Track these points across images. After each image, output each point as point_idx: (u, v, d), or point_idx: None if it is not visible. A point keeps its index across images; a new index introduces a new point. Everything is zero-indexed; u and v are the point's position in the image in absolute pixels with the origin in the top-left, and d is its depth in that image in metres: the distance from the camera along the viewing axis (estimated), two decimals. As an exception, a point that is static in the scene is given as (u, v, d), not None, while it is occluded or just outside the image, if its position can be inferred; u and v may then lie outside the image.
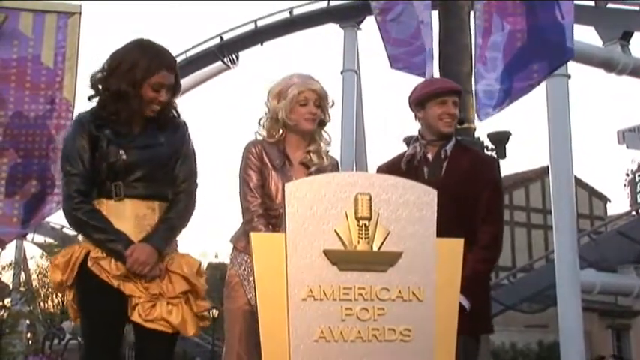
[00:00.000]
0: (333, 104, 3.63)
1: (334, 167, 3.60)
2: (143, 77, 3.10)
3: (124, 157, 3.08)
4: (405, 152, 3.90)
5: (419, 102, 3.86)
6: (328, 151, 3.62)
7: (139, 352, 3.14)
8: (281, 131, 3.50)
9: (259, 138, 3.57)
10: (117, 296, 3.00)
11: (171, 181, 3.18)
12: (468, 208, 3.67)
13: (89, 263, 3.01)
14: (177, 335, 3.11)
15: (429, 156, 3.80)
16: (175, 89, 3.26)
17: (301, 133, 3.51)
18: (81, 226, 3.08)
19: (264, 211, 3.42)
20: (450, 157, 3.79)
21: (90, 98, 3.26)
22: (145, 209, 3.11)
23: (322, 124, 3.56)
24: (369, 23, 23.22)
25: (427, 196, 2.69)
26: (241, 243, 3.45)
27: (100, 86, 3.18)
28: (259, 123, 3.58)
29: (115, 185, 3.08)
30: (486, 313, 3.90)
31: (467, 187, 3.70)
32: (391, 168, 3.74)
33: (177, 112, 3.30)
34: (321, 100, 3.47)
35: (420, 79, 6.59)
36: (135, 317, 2.99)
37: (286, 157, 3.49)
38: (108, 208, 3.08)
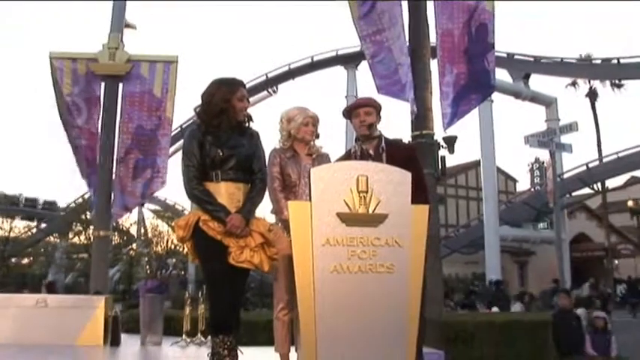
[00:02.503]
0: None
1: (327, 156, 3.68)
2: (231, 94, 3.14)
3: (221, 154, 3.06)
4: (350, 150, 3.60)
5: (347, 117, 3.66)
6: (321, 147, 3.71)
7: (231, 282, 3.04)
8: (289, 141, 3.64)
9: (277, 147, 3.69)
10: (221, 246, 2.97)
11: (250, 171, 3.15)
12: None
13: (200, 224, 2.99)
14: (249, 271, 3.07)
15: (371, 151, 3.49)
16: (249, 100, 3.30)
17: (304, 142, 3.65)
18: (198, 200, 3.05)
19: (282, 187, 3.51)
20: (385, 150, 3.48)
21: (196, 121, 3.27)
22: (234, 189, 3.08)
23: (317, 136, 3.73)
24: (364, 65, 23.14)
25: (404, 177, 2.64)
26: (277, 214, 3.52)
27: (201, 114, 3.18)
28: (278, 140, 3.73)
29: (214, 173, 3.06)
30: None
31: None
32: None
33: (251, 118, 3.27)
34: (315, 123, 3.65)
35: (397, 102, 6.61)
36: (230, 260, 2.96)
37: (296, 152, 3.62)
38: (210, 188, 3.06)
